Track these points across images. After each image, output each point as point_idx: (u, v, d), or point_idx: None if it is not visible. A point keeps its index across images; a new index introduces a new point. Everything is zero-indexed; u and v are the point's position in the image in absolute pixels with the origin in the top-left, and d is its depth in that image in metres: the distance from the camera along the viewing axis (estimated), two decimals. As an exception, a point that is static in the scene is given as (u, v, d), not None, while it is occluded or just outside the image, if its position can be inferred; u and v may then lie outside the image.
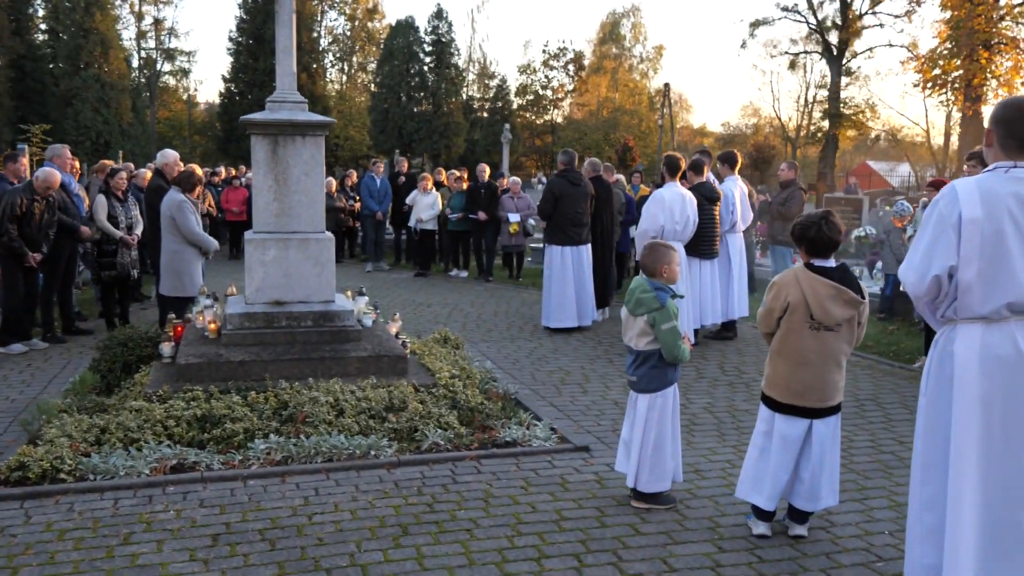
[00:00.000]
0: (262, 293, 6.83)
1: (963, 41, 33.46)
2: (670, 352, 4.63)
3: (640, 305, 4.68)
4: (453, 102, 52.61)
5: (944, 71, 36.19)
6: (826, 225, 4.30)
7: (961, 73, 34.66)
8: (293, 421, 5.80)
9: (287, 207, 6.87)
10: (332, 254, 6.98)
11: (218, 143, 46.86)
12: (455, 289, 14.04)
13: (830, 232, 4.30)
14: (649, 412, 4.73)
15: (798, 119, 61.12)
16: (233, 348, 6.58)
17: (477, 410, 6.33)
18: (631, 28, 67.06)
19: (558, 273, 10.21)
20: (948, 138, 53.39)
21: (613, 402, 7.19)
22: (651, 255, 4.78)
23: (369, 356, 6.65)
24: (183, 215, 8.46)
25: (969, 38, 33.16)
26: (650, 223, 8.76)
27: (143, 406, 5.82)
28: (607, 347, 9.48)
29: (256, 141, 6.77)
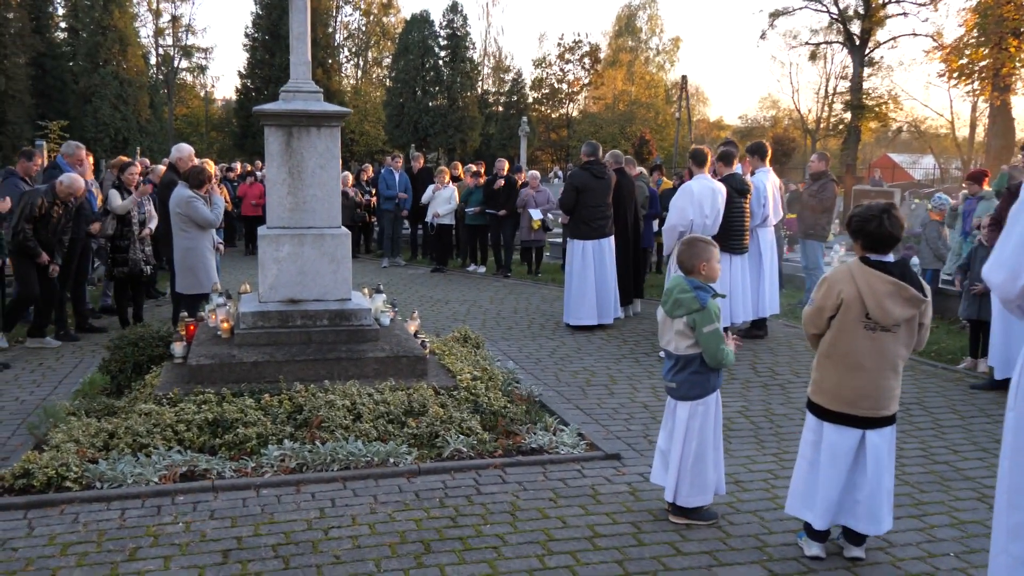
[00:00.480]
0: (276, 291, 6.56)
1: (991, 29, 32.84)
2: (713, 356, 4.32)
3: (679, 306, 4.36)
4: (468, 96, 52.32)
5: (971, 60, 35.57)
6: (888, 219, 3.96)
7: (989, 62, 34.04)
8: (308, 426, 5.52)
9: (302, 201, 6.59)
10: (348, 250, 6.70)
11: (235, 139, 46.80)
12: (473, 285, 13.75)
13: (891, 227, 3.96)
14: (690, 421, 4.41)
15: (818, 111, 60.42)
16: (246, 348, 6.32)
17: (500, 414, 6.04)
18: (647, 20, 66.60)
19: (578, 268, 9.90)
20: (973, 129, 52.56)
21: (642, 405, 6.88)
22: (689, 251, 4.45)
23: (387, 357, 6.37)
24: (193, 208, 8.24)
25: (998, 26, 32.55)
26: (678, 217, 8.43)
27: (153, 409, 5.56)
28: (632, 346, 9.16)
29: (269, 132, 6.49)
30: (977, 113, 52.03)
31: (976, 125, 51.79)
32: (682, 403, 4.45)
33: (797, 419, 6.55)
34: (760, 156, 9.71)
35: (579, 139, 57.21)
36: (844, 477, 4.08)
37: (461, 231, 15.71)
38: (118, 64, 40.69)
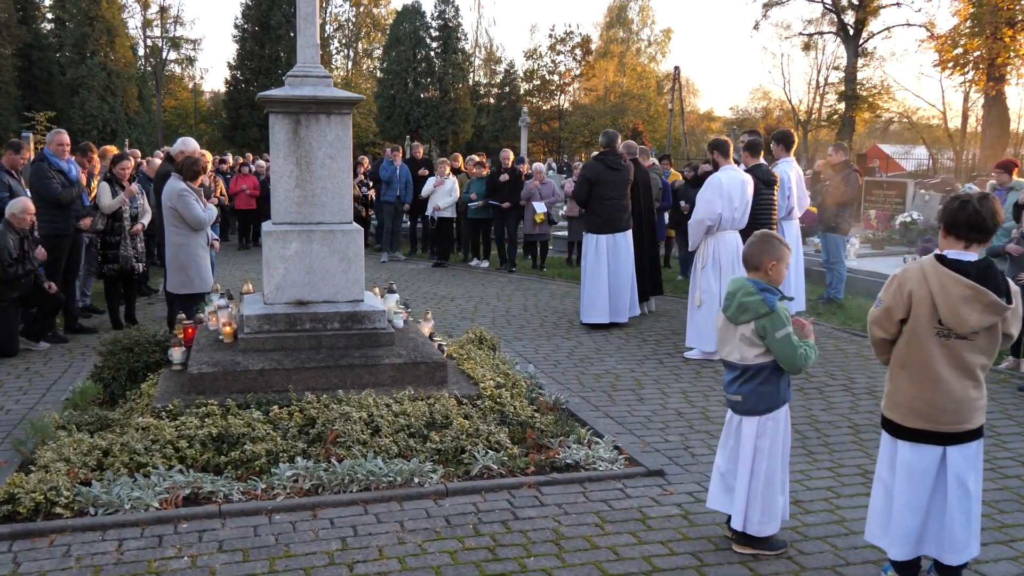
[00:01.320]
0: (283, 292, 6.06)
1: (986, 19, 32.58)
2: (790, 362, 3.84)
3: (744, 310, 3.89)
4: (460, 88, 51.67)
5: (966, 50, 35.32)
6: (982, 204, 3.48)
7: (984, 52, 33.79)
8: (322, 441, 5.04)
9: (310, 195, 6.09)
10: (361, 247, 6.21)
11: (224, 131, 46.02)
12: (477, 281, 13.27)
13: (986, 214, 3.47)
14: (758, 440, 3.95)
15: (809, 102, 60.10)
16: (251, 355, 5.82)
17: (528, 425, 5.57)
18: (639, 11, 66.09)
19: (592, 264, 9.42)
20: (965, 120, 52.28)
21: (676, 412, 6.42)
22: (759, 247, 3.97)
23: (404, 363, 5.88)
24: (185, 203, 7.67)
25: (993, 16, 32.29)
26: (706, 210, 7.96)
27: (151, 424, 5.07)
28: (653, 346, 8.70)
29: (275, 120, 5.99)
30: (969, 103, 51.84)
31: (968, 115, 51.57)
32: (748, 418, 3.98)
33: (843, 427, 6.12)
34: (785, 145, 9.25)
35: (571, 131, 56.84)
36: (924, 501, 3.62)
37: (463, 224, 15.21)
38: (106, 55, 39.89)
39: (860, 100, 45.71)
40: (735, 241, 8.13)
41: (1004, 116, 36.94)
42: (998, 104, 36.04)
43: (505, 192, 13.97)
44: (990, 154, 35.85)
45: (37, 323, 8.47)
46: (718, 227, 8.01)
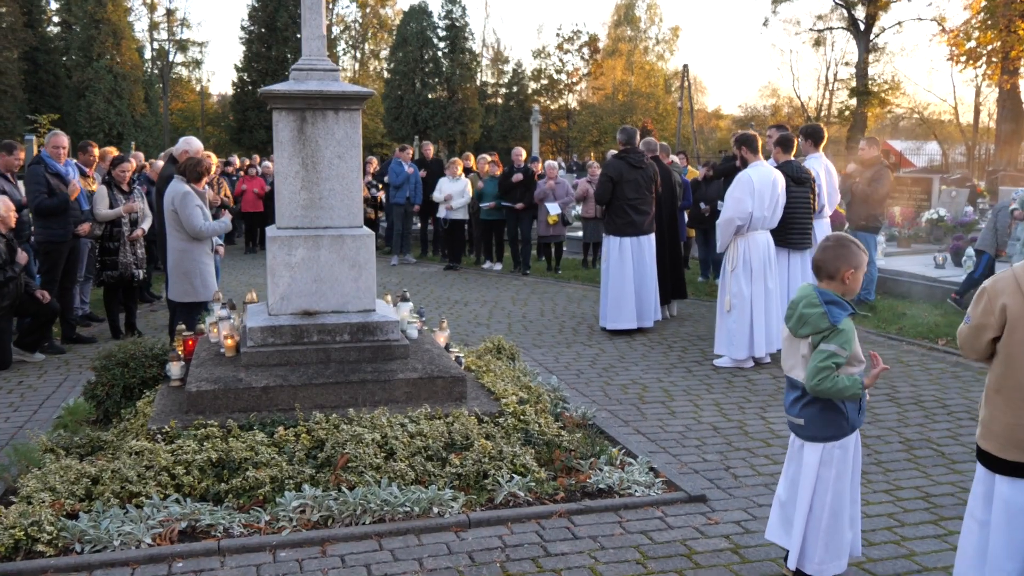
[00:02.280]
0: (288, 302, 5.63)
1: (1000, 12, 32.08)
2: (809, 379, 3.40)
3: (803, 323, 3.43)
4: (468, 88, 51.24)
5: (979, 44, 34.83)
6: None
7: (998, 45, 33.28)
8: (332, 466, 4.61)
9: (317, 197, 5.65)
10: (372, 253, 5.77)
11: (231, 133, 45.72)
12: (491, 284, 12.83)
13: None
14: (822, 468, 3.49)
15: (819, 98, 59.52)
16: (255, 370, 5.39)
17: (555, 444, 5.13)
18: (646, 9, 65.65)
19: (615, 268, 8.97)
20: (977, 114, 51.67)
21: (711, 428, 5.97)
22: (835, 252, 3.49)
23: (420, 378, 5.44)
24: (186, 208, 7.24)
25: (1007, 9, 31.78)
26: (736, 209, 7.50)
27: (145, 448, 4.64)
28: (679, 353, 8.25)
29: (279, 118, 5.55)
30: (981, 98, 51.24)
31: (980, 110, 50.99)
32: (811, 444, 3.53)
33: (894, 442, 5.66)
34: (814, 140, 8.78)
35: (580, 130, 56.43)
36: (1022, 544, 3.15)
37: (475, 226, 14.77)
38: (112, 58, 39.62)
39: (871, 96, 45.23)
40: (766, 241, 7.68)
41: (1018, 110, 36.36)
42: (1012, 98, 35.46)
43: (518, 192, 13.53)
44: (1005, 149, 35.31)
45: (31, 333, 8.07)
46: (748, 227, 7.56)
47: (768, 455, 5.40)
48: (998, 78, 35.16)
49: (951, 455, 5.48)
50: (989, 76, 37.86)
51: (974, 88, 50.57)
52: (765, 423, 6.05)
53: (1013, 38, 32.41)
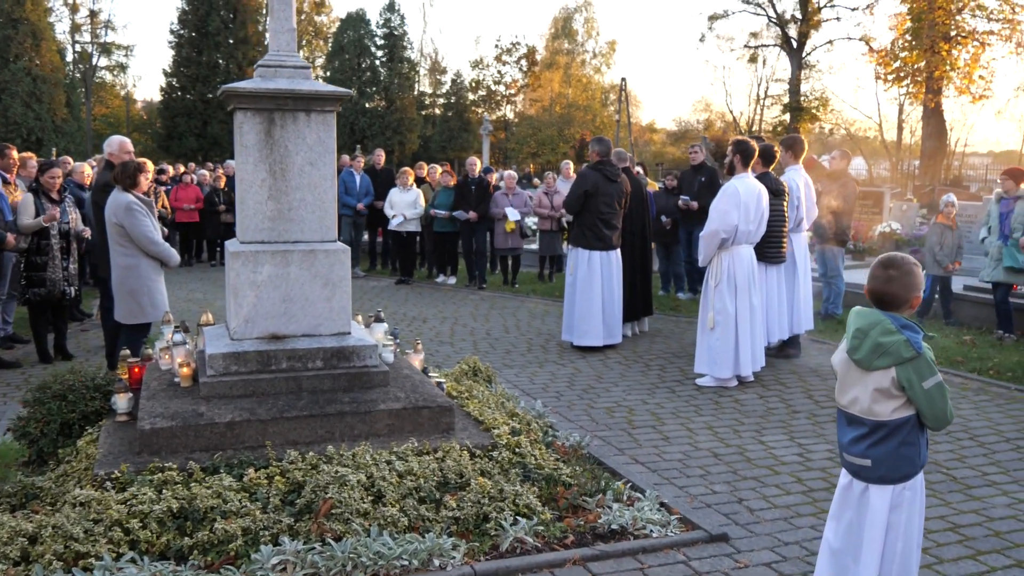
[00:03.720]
0: (254, 325, 5.06)
1: (924, 33, 32.99)
2: (939, 417, 3.02)
3: (883, 354, 3.02)
4: (406, 97, 50.61)
5: (905, 64, 35.80)
6: None
7: (923, 65, 34.22)
8: (313, 513, 4.06)
9: (286, 208, 5.09)
10: (347, 270, 5.23)
11: (159, 141, 44.16)
12: (447, 299, 12.31)
13: None
14: (893, 514, 3.10)
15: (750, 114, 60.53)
16: (217, 403, 4.80)
17: (555, 479, 4.67)
18: (584, 23, 65.97)
19: (583, 282, 8.56)
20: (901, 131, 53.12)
21: (710, 454, 5.57)
22: (905, 282, 3.08)
23: (404, 408, 4.92)
24: (134, 219, 6.59)
25: (931, 31, 32.70)
26: (721, 222, 7.16)
27: (92, 497, 4.03)
28: (659, 371, 7.87)
29: (244, 119, 4.98)
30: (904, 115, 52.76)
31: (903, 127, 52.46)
32: (879, 488, 3.12)
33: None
34: (794, 153, 8.52)
35: (518, 142, 56.27)
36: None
37: (427, 238, 14.23)
38: (31, 60, 37.81)
39: (804, 111, 46.19)
40: (750, 256, 7.35)
41: (942, 128, 37.39)
42: (936, 116, 36.43)
43: (472, 203, 13.05)
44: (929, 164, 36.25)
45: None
46: (733, 240, 7.22)
47: (778, 484, 5.03)
48: (923, 97, 36.13)
49: (963, 479, 5.18)
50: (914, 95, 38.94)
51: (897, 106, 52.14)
52: (766, 448, 5.68)
53: (937, 59, 33.36)
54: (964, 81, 34.37)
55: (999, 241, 9.04)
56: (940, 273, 9.87)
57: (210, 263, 16.57)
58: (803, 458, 5.48)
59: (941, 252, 9.80)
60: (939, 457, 5.54)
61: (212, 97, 41.24)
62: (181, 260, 15.34)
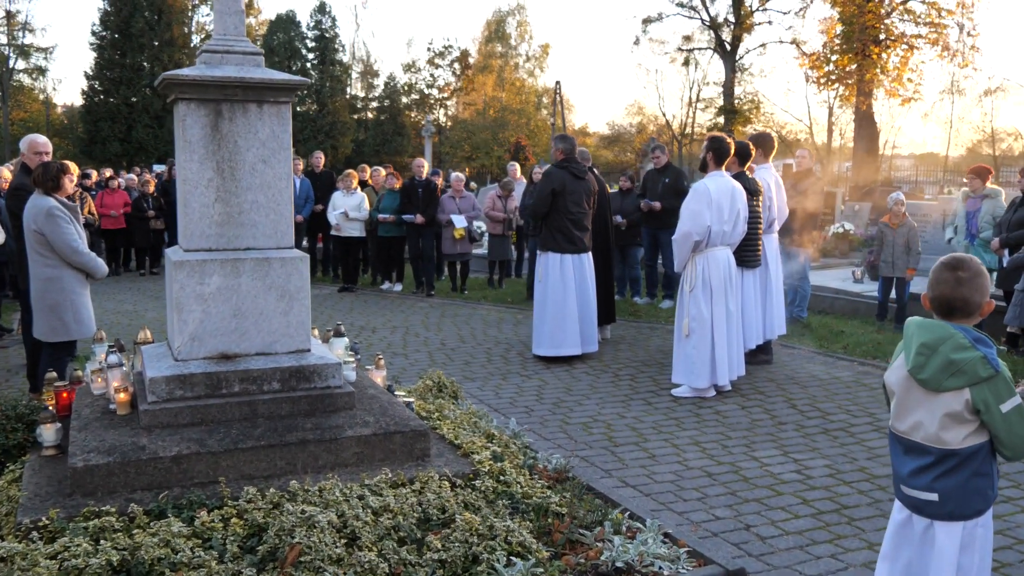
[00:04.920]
0: (201, 343, 4.48)
1: (856, 37, 33.60)
2: (1017, 445, 2.63)
3: (955, 373, 2.62)
4: (338, 101, 49.71)
5: (837, 67, 36.43)
6: None
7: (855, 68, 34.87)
8: (278, 561, 3.51)
9: (236, 211, 4.53)
10: (305, 279, 4.68)
11: (81, 146, 42.44)
12: (394, 307, 11.76)
13: None
14: (964, 556, 2.71)
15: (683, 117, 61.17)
16: (160, 433, 4.22)
17: (544, 509, 4.20)
18: (517, 27, 65.90)
19: (555, 288, 8.13)
20: (831, 134, 54.23)
21: (703, 473, 5.17)
22: (975, 284, 2.69)
23: (374, 434, 4.40)
24: (56, 226, 5.95)
25: (862, 34, 33.30)
26: (693, 223, 6.79)
27: (15, 551, 3.42)
28: (630, 382, 7.47)
29: (187, 111, 4.40)
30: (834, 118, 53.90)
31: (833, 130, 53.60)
32: (947, 525, 2.73)
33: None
34: (764, 150, 8.21)
35: (451, 145, 55.75)
36: None
37: (371, 244, 13.63)
38: (-58, 62, 36.08)
39: (738, 114, 46.73)
40: (727, 259, 7.00)
41: (873, 132, 38.12)
42: (867, 119, 37.13)
43: (419, 206, 12.51)
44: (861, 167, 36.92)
45: None
46: (707, 243, 6.86)
47: (783, 507, 4.65)
48: (854, 99, 36.82)
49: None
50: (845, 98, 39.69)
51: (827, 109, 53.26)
52: (761, 466, 5.31)
53: (868, 62, 34.00)
54: (894, 84, 35.10)
55: (966, 240, 8.89)
56: (896, 275, 9.60)
57: (139, 272, 15.70)
58: (803, 475, 5.12)
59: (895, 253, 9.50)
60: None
61: (136, 100, 39.90)
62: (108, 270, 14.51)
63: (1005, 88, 52.79)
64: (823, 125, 53.56)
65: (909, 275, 9.34)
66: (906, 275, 9.33)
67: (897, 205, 9.54)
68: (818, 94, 50.37)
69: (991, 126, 53.45)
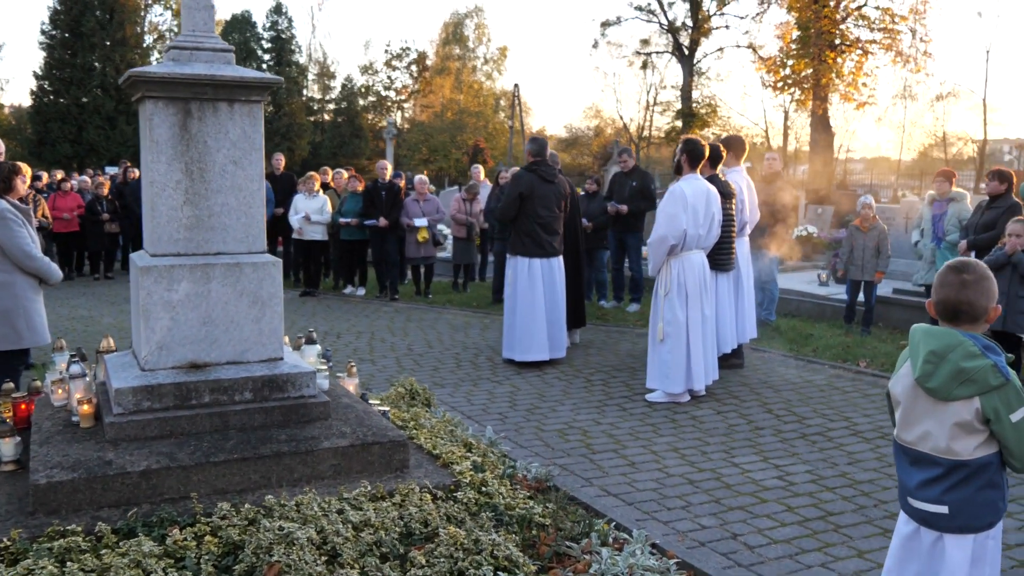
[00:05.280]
0: (169, 352, 4.29)
1: (812, 42, 34.08)
2: None
3: (965, 381, 2.55)
4: (295, 102, 49.13)
5: (794, 71, 36.92)
6: None
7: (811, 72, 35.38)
8: (256, 580, 3.36)
9: (206, 215, 4.35)
10: (278, 285, 4.52)
11: (29, 147, 41.33)
12: (358, 312, 11.57)
13: None
14: (975, 569, 2.64)
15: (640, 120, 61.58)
16: (128, 447, 4.03)
17: (528, 520, 4.09)
18: (474, 29, 65.86)
19: (525, 293, 8.03)
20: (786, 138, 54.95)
21: (686, 480, 5.10)
22: (980, 288, 2.64)
23: (351, 445, 4.25)
24: (7, 230, 5.72)
25: (818, 39, 33.80)
26: (669, 227, 6.73)
27: (-25, 575, 3.23)
28: (603, 387, 7.39)
29: (154, 110, 4.22)
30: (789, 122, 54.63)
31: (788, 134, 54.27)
32: (957, 538, 2.66)
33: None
34: (736, 153, 8.19)
35: (409, 148, 55.47)
36: None
37: (333, 247, 13.41)
38: None
39: (696, 118, 47.14)
40: (702, 262, 6.96)
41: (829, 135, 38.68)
42: (823, 123, 37.68)
43: (383, 209, 12.32)
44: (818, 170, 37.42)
45: None
46: (683, 246, 6.81)
47: (768, 515, 4.58)
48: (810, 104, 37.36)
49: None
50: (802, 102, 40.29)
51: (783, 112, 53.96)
52: (742, 472, 5.25)
53: (824, 67, 34.54)
54: (849, 89, 35.65)
55: (932, 243, 8.95)
56: (865, 278, 9.61)
57: (93, 277, 15.28)
58: (785, 482, 5.07)
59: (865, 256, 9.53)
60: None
61: (87, 101, 39.03)
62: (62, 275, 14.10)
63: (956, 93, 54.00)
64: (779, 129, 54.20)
65: (877, 278, 9.37)
66: (874, 278, 9.36)
67: (866, 208, 9.58)
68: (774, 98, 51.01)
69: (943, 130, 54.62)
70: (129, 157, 29.78)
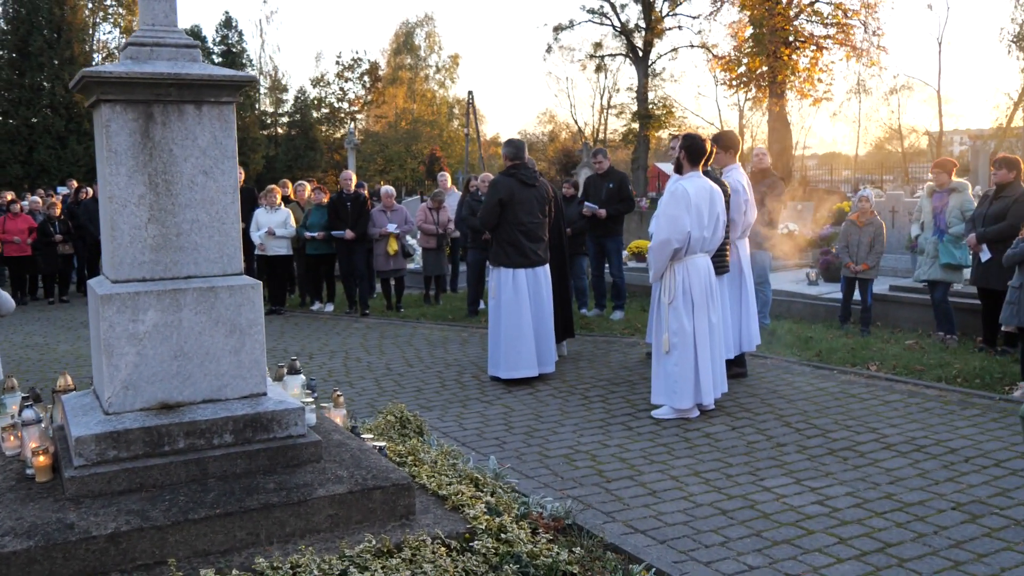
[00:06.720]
0: (136, 392, 3.72)
1: (767, 40, 34.21)
2: None
3: None
4: (248, 117, 48.19)
5: (749, 69, 37.05)
6: None
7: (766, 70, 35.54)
8: (252, 667, 2.82)
9: (174, 233, 3.79)
10: (258, 311, 3.96)
11: (-25, 169, 39.93)
12: (328, 329, 10.98)
13: None
14: None
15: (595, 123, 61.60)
16: (92, 505, 3.45)
17: (558, 571, 3.59)
18: (425, 37, 65.55)
19: (509, 305, 7.53)
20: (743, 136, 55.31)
21: (717, 511, 4.62)
22: None
23: (350, 492, 3.71)
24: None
25: (773, 36, 33.92)
26: (672, 229, 6.27)
27: None
28: (602, 404, 6.91)
29: (111, 116, 3.65)
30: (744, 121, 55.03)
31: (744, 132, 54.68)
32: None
33: (946, 508, 4.55)
34: (732, 150, 7.78)
35: (364, 159, 54.77)
36: None
37: (299, 262, 12.79)
38: None
39: (652, 119, 47.20)
40: (707, 267, 6.51)
41: (787, 132, 38.80)
42: (780, 120, 37.79)
43: (348, 221, 11.74)
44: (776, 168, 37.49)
45: None
46: (687, 250, 6.36)
47: (820, 550, 4.10)
48: (767, 101, 37.49)
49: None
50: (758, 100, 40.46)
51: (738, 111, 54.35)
52: (776, 498, 4.79)
53: (779, 64, 34.70)
54: (805, 85, 35.80)
55: (934, 237, 8.60)
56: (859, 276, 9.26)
57: (47, 301, 14.48)
58: (827, 507, 4.61)
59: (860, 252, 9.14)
60: (979, 492, 4.74)
61: (37, 121, 37.87)
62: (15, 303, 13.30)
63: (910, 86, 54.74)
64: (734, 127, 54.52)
65: (863, 268, 9.01)
66: (860, 269, 9.00)
67: (863, 202, 9.26)
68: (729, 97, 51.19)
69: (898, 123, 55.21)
70: (80, 177, 28.71)
